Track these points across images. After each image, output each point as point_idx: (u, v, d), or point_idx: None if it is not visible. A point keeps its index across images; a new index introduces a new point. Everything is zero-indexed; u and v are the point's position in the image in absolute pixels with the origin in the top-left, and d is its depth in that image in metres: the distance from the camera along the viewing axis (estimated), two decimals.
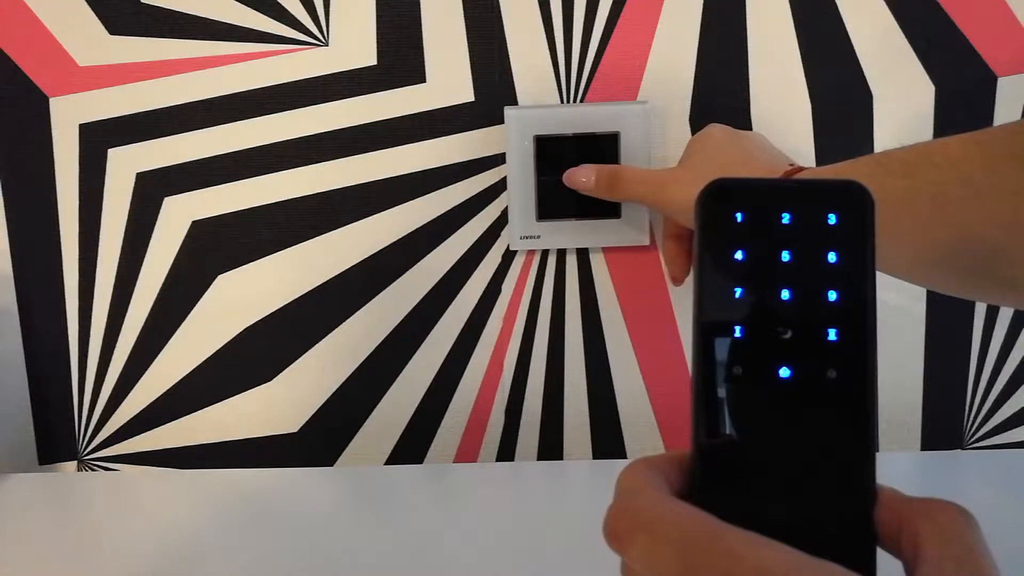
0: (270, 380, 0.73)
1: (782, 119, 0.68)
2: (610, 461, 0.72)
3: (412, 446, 0.74)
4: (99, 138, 0.69)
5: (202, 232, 0.70)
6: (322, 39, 0.68)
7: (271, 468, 0.71)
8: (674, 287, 0.70)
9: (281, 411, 0.73)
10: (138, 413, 0.73)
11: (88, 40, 0.68)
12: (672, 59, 0.68)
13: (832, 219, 0.28)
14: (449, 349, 0.72)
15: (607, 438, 0.74)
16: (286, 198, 0.70)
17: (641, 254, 0.70)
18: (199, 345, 0.72)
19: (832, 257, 0.27)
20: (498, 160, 0.69)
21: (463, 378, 0.73)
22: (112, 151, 0.69)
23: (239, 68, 0.68)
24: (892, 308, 0.72)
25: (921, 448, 0.74)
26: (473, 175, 0.69)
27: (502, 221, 0.70)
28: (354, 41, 0.68)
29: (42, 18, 0.68)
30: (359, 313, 0.72)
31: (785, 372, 0.27)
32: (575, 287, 0.71)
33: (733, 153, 0.61)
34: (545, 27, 0.68)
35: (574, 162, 0.66)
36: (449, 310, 0.72)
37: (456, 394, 0.73)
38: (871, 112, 0.69)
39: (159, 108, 0.69)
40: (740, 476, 0.28)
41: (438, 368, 0.73)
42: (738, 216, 0.28)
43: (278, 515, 0.63)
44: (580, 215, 0.68)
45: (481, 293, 0.71)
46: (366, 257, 0.71)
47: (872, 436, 0.27)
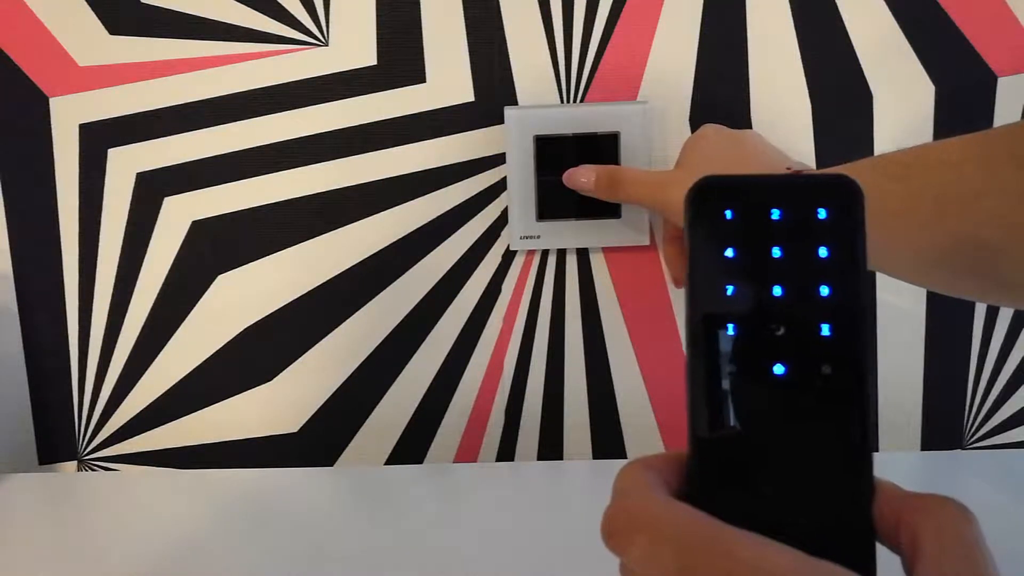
0: (270, 380, 0.73)
1: (782, 119, 0.68)
2: (610, 461, 0.72)
3: (412, 446, 0.74)
4: (99, 138, 0.69)
5: (202, 232, 0.71)
6: (322, 39, 0.68)
7: (271, 468, 0.71)
8: (675, 288, 0.70)
9: (281, 411, 0.73)
10: (138, 413, 0.73)
11: (88, 40, 0.68)
12: (672, 59, 0.68)
13: (822, 214, 0.27)
14: (449, 349, 0.72)
15: (607, 438, 0.74)
16: (286, 198, 0.70)
17: (641, 254, 0.70)
18: (199, 345, 0.72)
19: (823, 252, 0.27)
20: (498, 160, 0.69)
21: (463, 378, 0.73)
22: (112, 151, 0.69)
23: (239, 68, 0.68)
24: (892, 308, 0.72)
25: (921, 448, 0.74)
26: (473, 175, 0.69)
27: (502, 221, 0.70)
28: (354, 41, 0.68)
29: (42, 18, 0.68)
30: (359, 313, 0.72)
31: (779, 369, 0.27)
32: (575, 287, 0.71)
33: (731, 153, 0.61)
34: (545, 27, 0.68)
35: (574, 162, 0.66)
36: (449, 310, 0.72)
37: (456, 394, 0.73)
38: (871, 112, 0.69)
39: (159, 108, 0.69)
40: (737, 474, 0.27)
41: (438, 368, 0.73)
42: (727, 213, 0.28)
43: (278, 515, 0.63)
44: (580, 215, 0.68)
45: (481, 293, 0.71)
46: (366, 257, 0.71)
47: (869, 431, 0.27)
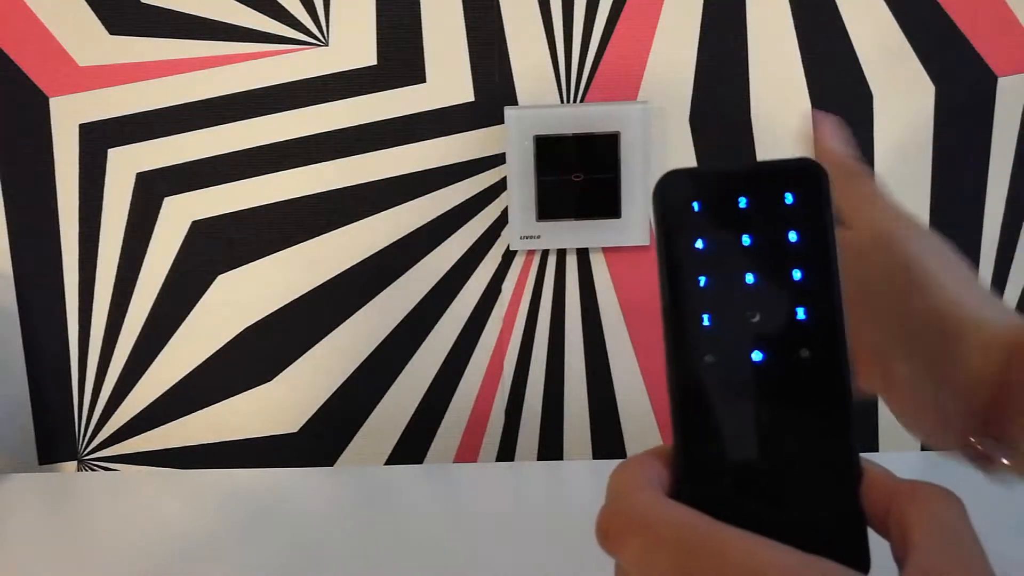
0: (270, 380, 0.73)
1: (782, 119, 0.68)
2: (610, 461, 0.72)
3: (412, 446, 0.74)
4: (99, 138, 0.69)
5: (202, 232, 0.70)
6: (322, 39, 0.68)
7: (271, 468, 0.71)
8: None
9: (281, 411, 0.73)
10: (138, 413, 0.73)
11: (88, 40, 0.68)
12: (672, 59, 0.68)
13: (789, 199, 0.27)
14: (449, 349, 0.72)
15: (607, 438, 0.74)
16: (286, 198, 0.70)
17: (641, 254, 0.70)
18: (199, 345, 0.72)
19: (793, 236, 0.27)
20: (498, 160, 0.69)
21: (463, 378, 0.73)
22: (112, 151, 0.69)
23: (239, 68, 0.68)
24: None
25: (921, 448, 0.74)
26: (473, 175, 0.69)
27: (502, 221, 0.70)
28: (354, 41, 0.68)
29: (42, 18, 0.67)
30: (359, 313, 0.72)
31: (758, 356, 0.27)
32: (575, 287, 0.71)
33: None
34: (545, 27, 0.68)
35: (574, 162, 0.66)
36: (449, 310, 0.72)
37: (456, 394, 0.73)
38: (871, 112, 0.69)
39: (159, 108, 0.69)
40: (723, 466, 0.27)
41: (438, 368, 0.73)
42: (695, 205, 0.28)
43: (278, 515, 0.63)
44: (580, 215, 0.68)
45: (481, 293, 0.71)
46: (366, 257, 0.71)
47: (852, 412, 0.27)
